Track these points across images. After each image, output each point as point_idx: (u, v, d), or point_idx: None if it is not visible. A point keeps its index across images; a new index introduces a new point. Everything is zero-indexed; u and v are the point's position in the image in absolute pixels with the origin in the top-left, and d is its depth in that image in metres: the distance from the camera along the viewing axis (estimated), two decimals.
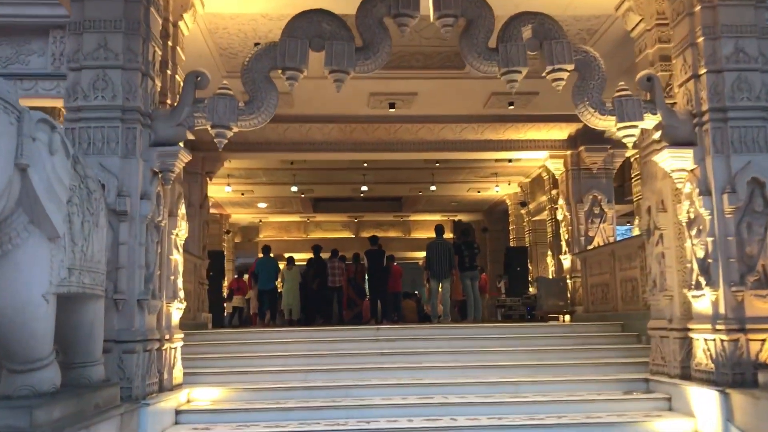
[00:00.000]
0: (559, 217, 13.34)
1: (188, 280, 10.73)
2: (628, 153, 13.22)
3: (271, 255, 15.04)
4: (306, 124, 12.07)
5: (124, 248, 5.87)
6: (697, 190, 6.22)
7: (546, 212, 19.18)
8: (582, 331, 9.65)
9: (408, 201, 24.80)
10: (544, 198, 19.18)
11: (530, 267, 19.46)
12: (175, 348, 6.92)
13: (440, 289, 12.29)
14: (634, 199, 14.40)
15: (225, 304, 17.67)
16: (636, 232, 14.08)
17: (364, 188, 20.80)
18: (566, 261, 13.03)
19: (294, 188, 20.35)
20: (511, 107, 11.60)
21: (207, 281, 11.86)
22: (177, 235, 6.99)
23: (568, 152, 12.96)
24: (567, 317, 12.53)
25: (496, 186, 20.80)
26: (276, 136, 12.28)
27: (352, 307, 14.90)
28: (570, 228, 12.84)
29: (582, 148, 12.66)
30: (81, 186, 4.58)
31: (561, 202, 13.17)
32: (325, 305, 14.45)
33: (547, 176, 19.31)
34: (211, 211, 24.66)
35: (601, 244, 12.32)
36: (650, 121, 6.66)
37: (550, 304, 12.47)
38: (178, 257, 7.01)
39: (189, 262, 10.91)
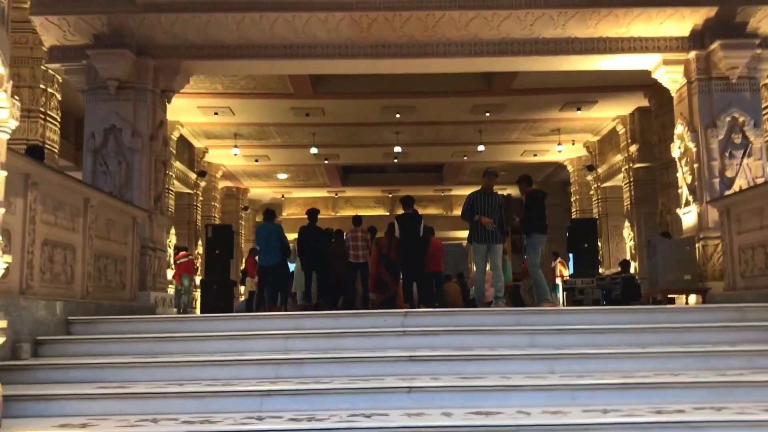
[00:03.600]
0: (676, 153, 9.11)
1: (120, 240, 7.19)
2: None
3: (275, 221, 11.39)
4: (303, 14, 8.09)
5: None
6: None
7: (621, 175, 15.78)
8: (760, 319, 5.60)
9: (450, 170, 21.92)
10: (617, 158, 15.95)
11: (599, 243, 15.51)
12: None
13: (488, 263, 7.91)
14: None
15: (242, 288, 16.09)
16: None
17: (398, 149, 17.41)
18: (690, 216, 8.86)
19: (314, 150, 17.34)
20: None
21: (161, 248, 8.12)
22: None
23: (692, 54, 8.67)
24: (692, 298, 8.43)
25: (559, 145, 17.24)
26: (259, 34, 8.32)
27: (383, 291, 11.47)
28: (697, 166, 8.63)
29: (715, 45, 8.39)
30: None
31: (680, 129, 8.94)
32: (342, 286, 11.13)
33: (623, 130, 15.64)
34: (227, 184, 22.06)
35: (744, 187, 8.15)
36: None
37: (670, 279, 8.32)
38: None
39: (124, 214, 7.34)
